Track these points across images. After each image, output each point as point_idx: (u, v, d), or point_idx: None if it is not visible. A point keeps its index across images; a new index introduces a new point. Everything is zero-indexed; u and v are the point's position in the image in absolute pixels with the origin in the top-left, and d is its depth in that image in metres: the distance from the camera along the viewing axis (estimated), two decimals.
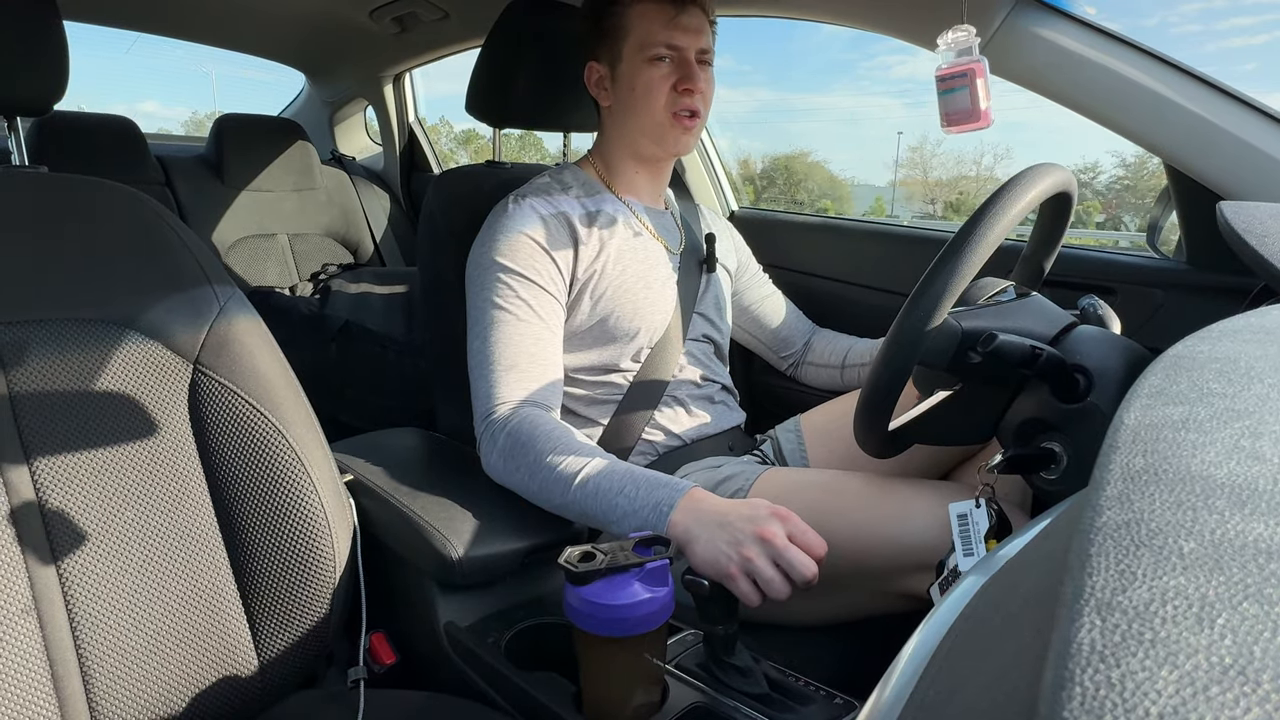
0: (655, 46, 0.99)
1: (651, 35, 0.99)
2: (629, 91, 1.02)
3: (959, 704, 0.24)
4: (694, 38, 1.00)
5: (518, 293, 0.97)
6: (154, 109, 71.77)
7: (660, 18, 0.99)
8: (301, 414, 0.77)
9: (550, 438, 0.87)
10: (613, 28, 1.02)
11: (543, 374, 0.96)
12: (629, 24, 1.00)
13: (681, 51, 1.00)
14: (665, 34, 0.99)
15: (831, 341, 1.27)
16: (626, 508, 0.80)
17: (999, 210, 0.67)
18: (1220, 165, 0.86)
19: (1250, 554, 0.19)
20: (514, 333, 0.96)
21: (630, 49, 1.01)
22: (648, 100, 1.01)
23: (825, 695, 0.70)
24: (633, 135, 1.06)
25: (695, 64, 1.01)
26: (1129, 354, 0.71)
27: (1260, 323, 0.39)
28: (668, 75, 1.00)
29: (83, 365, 0.69)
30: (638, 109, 1.02)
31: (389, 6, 1.75)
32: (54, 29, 0.78)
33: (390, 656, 0.82)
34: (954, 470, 1.05)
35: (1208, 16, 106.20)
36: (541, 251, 0.99)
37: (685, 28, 1.00)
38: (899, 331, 0.68)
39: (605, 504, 0.81)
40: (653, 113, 1.02)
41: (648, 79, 1.00)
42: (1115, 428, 0.27)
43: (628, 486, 0.81)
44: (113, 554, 0.68)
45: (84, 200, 0.75)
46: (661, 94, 1.01)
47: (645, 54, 1.00)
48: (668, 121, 1.02)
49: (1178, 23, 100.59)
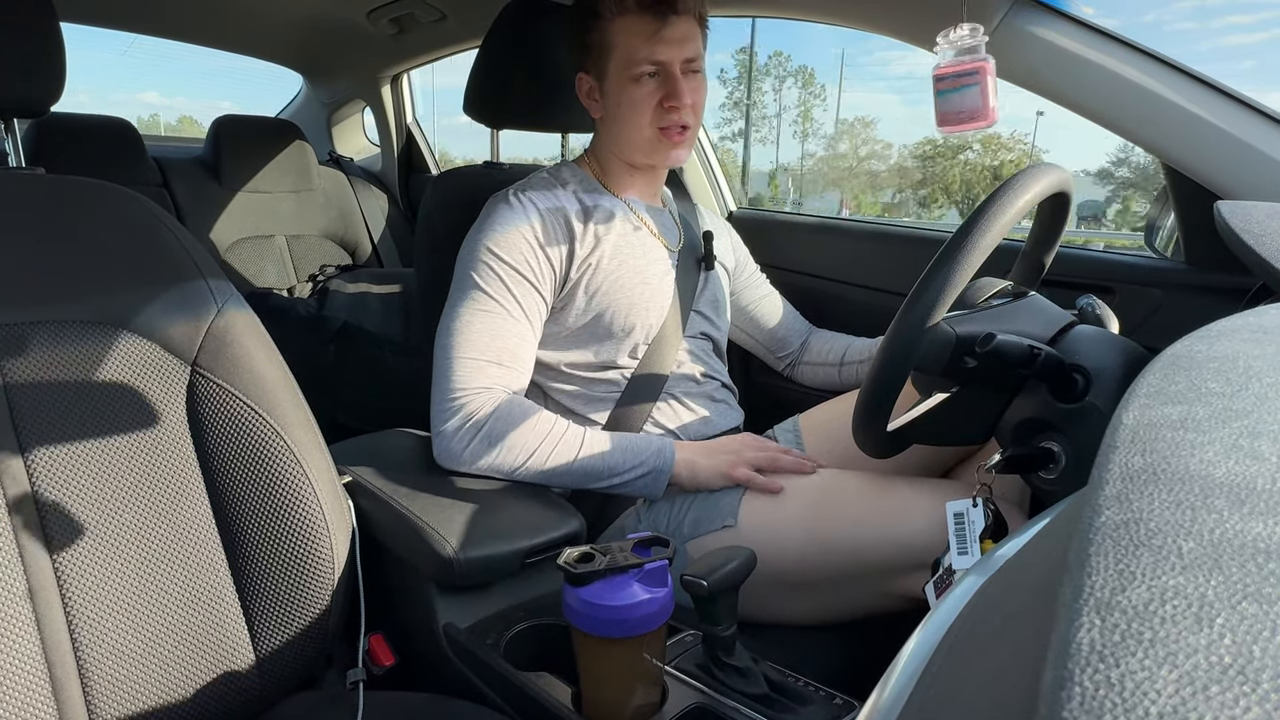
0: (638, 64, 0.98)
1: (634, 52, 0.97)
2: (616, 108, 1.02)
3: (959, 704, 0.24)
4: (678, 49, 0.98)
5: (507, 286, 0.97)
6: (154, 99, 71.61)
7: (642, 32, 0.97)
8: (299, 415, 0.77)
9: (539, 415, 0.94)
10: (596, 43, 1.01)
11: (520, 373, 0.98)
12: (611, 39, 0.99)
13: (665, 66, 0.98)
14: (647, 49, 0.97)
15: (829, 341, 1.28)
16: (633, 461, 0.94)
17: (996, 211, 0.67)
18: (1218, 165, 0.86)
19: (1249, 553, 0.19)
20: (500, 327, 0.96)
21: (614, 66, 1.00)
22: (634, 117, 1.00)
23: (825, 695, 0.70)
24: (623, 147, 1.05)
25: (680, 77, 0.98)
26: (1127, 354, 0.71)
27: (1258, 322, 0.39)
28: (653, 92, 0.99)
29: (80, 367, 0.69)
30: (625, 125, 1.02)
31: (386, 8, 1.75)
32: (51, 31, 0.78)
33: (389, 658, 0.82)
34: (953, 470, 1.05)
35: (1202, 14, 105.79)
36: (535, 246, 0.99)
37: (669, 40, 0.97)
38: (897, 332, 0.68)
39: (612, 461, 0.94)
40: (640, 129, 1.01)
41: (632, 97, 0.99)
42: (1114, 427, 0.27)
43: (625, 444, 0.95)
44: (110, 556, 0.67)
45: (81, 202, 0.75)
46: (647, 111, 0.99)
47: (629, 72, 0.98)
48: (656, 137, 1.01)
49: (1172, 20, 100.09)
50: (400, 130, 2.28)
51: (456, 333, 0.95)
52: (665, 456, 0.95)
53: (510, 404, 0.93)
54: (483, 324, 0.95)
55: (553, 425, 0.94)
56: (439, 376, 0.94)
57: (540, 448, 0.92)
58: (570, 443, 0.93)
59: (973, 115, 0.85)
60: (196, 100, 73.67)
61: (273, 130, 2.07)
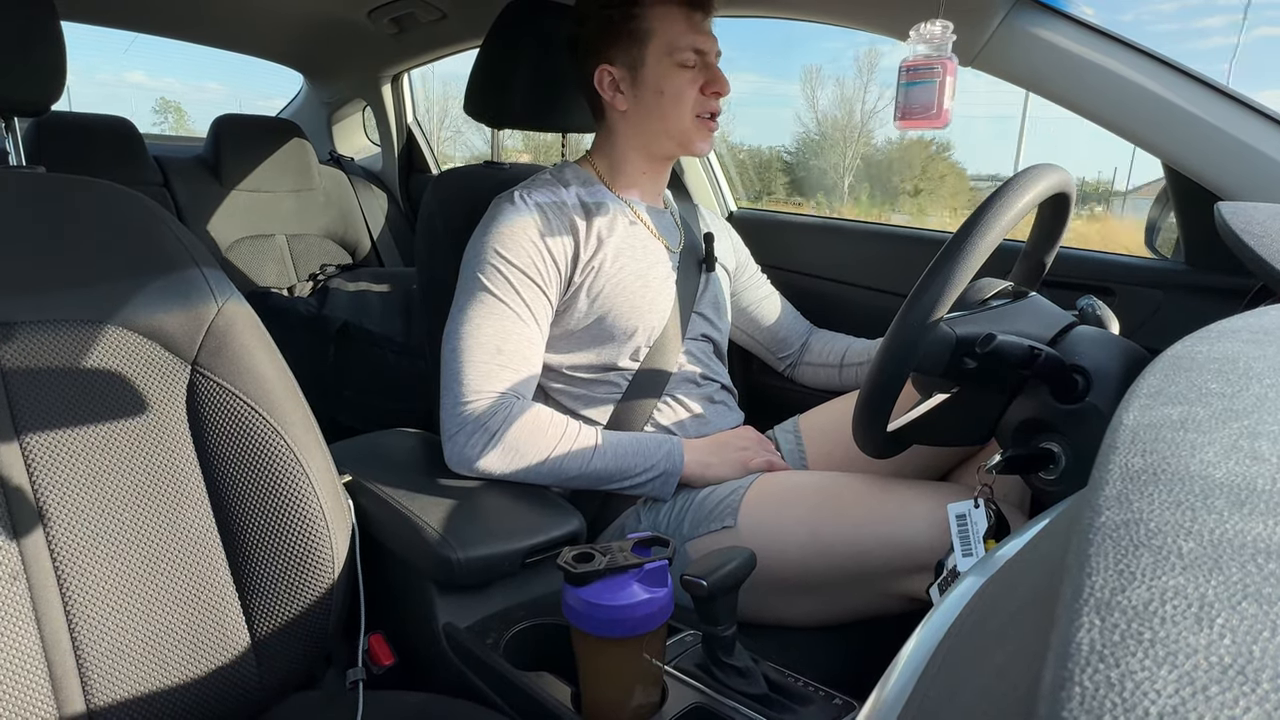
0: (683, 51, 1.00)
1: (678, 39, 0.99)
2: (656, 95, 1.02)
3: (959, 704, 0.24)
4: (713, 40, 1.02)
5: (515, 287, 0.97)
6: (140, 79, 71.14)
7: (684, 21, 1.00)
8: (300, 414, 0.77)
9: (551, 420, 0.96)
10: (633, 30, 1.01)
11: (530, 376, 0.98)
12: (651, 27, 1.00)
13: (705, 55, 1.01)
14: (690, 38, 1.00)
15: (829, 341, 1.27)
16: (644, 465, 0.97)
17: (997, 212, 0.67)
18: (1218, 166, 0.86)
19: (1249, 553, 0.19)
20: (509, 329, 0.96)
21: (655, 53, 1.00)
22: (677, 104, 1.01)
23: (824, 695, 0.70)
24: (653, 137, 1.05)
25: (716, 63, 1.02)
26: (1127, 354, 0.71)
27: (1258, 323, 0.39)
28: (695, 78, 1.01)
29: (80, 367, 0.69)
30: (665, 113, 1.02)
31: (387, 7, 1.75)
32: (51, 29, 0.78)
33: (389, 657, 0.82)
34: (953, 471, 1.05)
35: (1184, 15, 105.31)
36: (541, 247, 0.99)
37: (704, 30, 1.01)
38: (897, 332, 0.68)
39: (625, 465, 0.96)
40: (681, 116, 1.02)
41: (678, 83, 1.01)
42: (1114, 428, 0.27)
43: (636, 447, 0.98)
44: (111, 555, 0.67)
45: (81, 201, 0.75)
46: (690, 97, 1.01)
47: (674, 58, 1.00)
48: (693, 125, 1.03)
49: (1152, 20, 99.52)
50: (401, 129, 2.29)
51: (465, 336, 0.95)
52: (675, 460, 0.98)
53: (522, 408, 0.94)
54: (492, 327, 0.95)
55: (564, 429, 0.95)
56: (448, 381, 0.94)
57: (553, 453, 0.93)
58: (583, 446, 0.94)
59: (925, 111, 0.84)
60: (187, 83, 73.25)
61: (273, 130, 2.07)
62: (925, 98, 0.84)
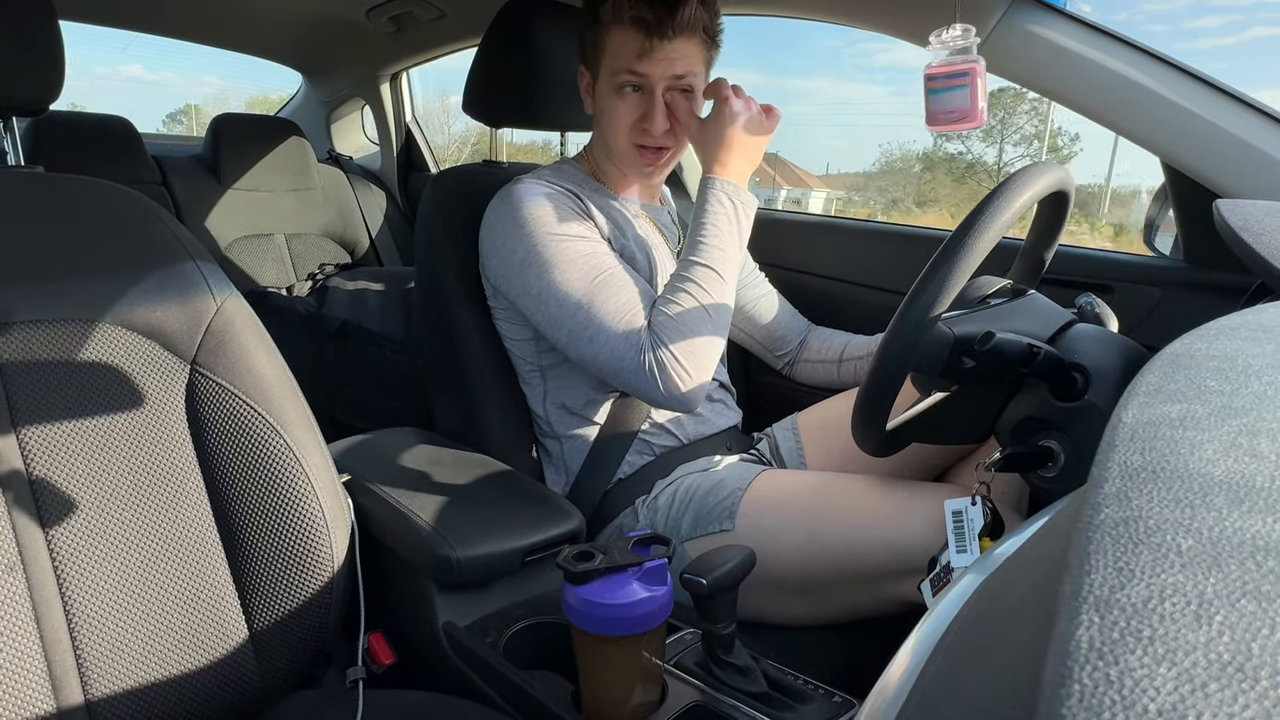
0: (620, 75, 0.97)
1: (620, 64, 0.96)
2: (600, 113, 1.02)
3: (958, 702, 0.24)
4: (666, 66, 0.96)
5: (573, 236, 0.95)
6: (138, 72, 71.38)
7: (632, 47, 0.95)
8: (299, 414, 0.77)
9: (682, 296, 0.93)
10: (594, 42, 1.00)
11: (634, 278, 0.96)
12: (605, 44, 0.98)
13: (648, 82, 0.97)
14: (633, 63, 0.96)
15: (827, 338, 1.27)
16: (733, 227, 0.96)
17: (995, 210, 0.67)
18: (1217, 163, 0.86)
19: (1248, 551, 0.19)
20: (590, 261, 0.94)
21: (605, 70, 0.99)
22: (612, 128, 1.00)
23: (824, 694, 0.70)
24: (606, 150, 1.05)
25: (660, 98, 0.97)
26: (1126, 352, 0.71)
27: (1257, 320, 0.39)
28: (634, 106, 0.98)
29: (79, 366, 0.69)
30: (604, 131, 1.03)
31: (386, 6, 1.75)
32: (49, 28, 0.78)
33: (389, 656, 0.82)
34: (951, 470, 1.05)
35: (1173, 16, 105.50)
36: (573, 213, 0.98)
37: (656, 58, 0.95)
38: (896, 331, 0.68)
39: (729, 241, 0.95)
40: (616, 139, 1.01)
41: (613, 108, 0.99)
42: (1113, 426, 0.27)
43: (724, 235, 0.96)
44: (110, 554, 0.67)
45: (80, 200, 0.75)
46: (625, 124, 0.99)
47: (612, 81, 0.98)
48: (629, 150, 1.01)
49: (1143, 21, 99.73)
50: (399, 129, 2.28)
51: (558, 291, 0.93)
52: (728, 192, 0.96)
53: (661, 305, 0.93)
54: (577, 270, 0.93)
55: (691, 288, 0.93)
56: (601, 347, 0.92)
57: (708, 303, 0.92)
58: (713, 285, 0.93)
59: (962, 115, 0.85)
60: (185, 76, 73.51)
61: (272, 129, 2.07)
62: (959, 102, 0.85)
